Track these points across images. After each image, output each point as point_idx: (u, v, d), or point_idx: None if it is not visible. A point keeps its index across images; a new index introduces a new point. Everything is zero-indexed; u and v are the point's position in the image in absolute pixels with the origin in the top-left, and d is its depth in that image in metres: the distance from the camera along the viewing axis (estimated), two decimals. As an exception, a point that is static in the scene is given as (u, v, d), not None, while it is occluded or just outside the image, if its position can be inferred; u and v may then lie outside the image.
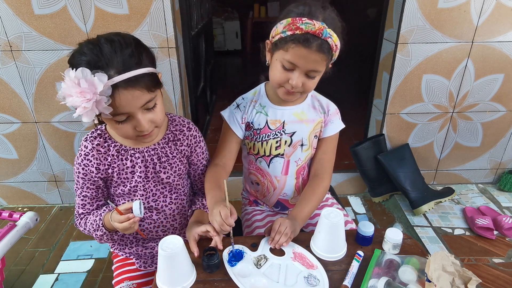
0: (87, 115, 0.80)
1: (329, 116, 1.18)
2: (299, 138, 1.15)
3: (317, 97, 1.20)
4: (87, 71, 0.78)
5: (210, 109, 3.45)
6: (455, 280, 0.78)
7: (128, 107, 0.85)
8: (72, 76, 0.78)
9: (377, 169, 2.21)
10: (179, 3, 1.93)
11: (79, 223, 1.07)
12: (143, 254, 1.16)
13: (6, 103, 1.99)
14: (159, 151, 1.05)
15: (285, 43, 0.97)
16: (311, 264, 0.95)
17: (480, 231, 1.94)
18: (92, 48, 0.82)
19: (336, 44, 0.97)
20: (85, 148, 1.00)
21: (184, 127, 1.09)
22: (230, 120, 1.17)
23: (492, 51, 1.98)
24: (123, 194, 1.07)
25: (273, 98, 1.16)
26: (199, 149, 1.13)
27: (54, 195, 2.31)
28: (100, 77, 0.78)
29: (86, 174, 1.01)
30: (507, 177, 2.30)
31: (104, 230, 1.00)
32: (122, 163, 1.02)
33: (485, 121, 2.20)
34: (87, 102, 0.78)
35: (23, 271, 1.83)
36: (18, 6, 1.75)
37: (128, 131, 0.91)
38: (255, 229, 1.25)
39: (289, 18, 0.96)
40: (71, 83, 0.78)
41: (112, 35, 0.85)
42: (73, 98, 0.79)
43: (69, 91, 0.79)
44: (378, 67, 2.22)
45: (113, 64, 0.81)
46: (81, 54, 0.82)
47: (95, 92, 0.78)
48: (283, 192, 1.23)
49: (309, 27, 0.93)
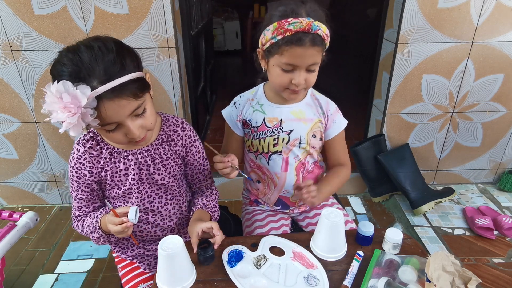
0: (73, 129, 0.77)
1: (330, 117, 1.18)
2: (297, 136, 1.16)
3: (316, 95, 1.20)
4: (68, 84, 0.74)
5: (210, 109, 3.45)
6: (455, 280, 0.78)
7: (116, 117, 0.82)
8: (54, 91, 0.74)
9: (377, 169, 2.21)
10: (179, 3, 1.93)
11: (76, 225, 1.07)
12: (145, 256, 1.16)
13: (6, 103, 1.99)
14: (153, 153, 1.03)
15: (278, 47, 0.98)
16: (311, 264, 0.95)
17: (480, 231, 1.94)
18: (72, 57, 0.78)
19: (326, 33, 0.99)
20: (77, 151, 0.99)
21: (178, 127, 1.07)
22: (228, 119, 1.20)
23: (492, 51, 1.98)
24: (118, 196, 1.06)
25: (271, 97, 1.17)
26: (195, 149, 1.11)
27: (54, 195, 2.31)
28: (83, 90, 0.74)
29: (79, 177, 1.00)
30: (507, 177, 2.30)
31: (101, 232, 0.99)
32: (115, 166, 1.00)
33: (485, 121, 2.20)
34: (72, 116, 0.75)
35: (23, 271, 1.83)
36: (18, 6, 1.75)
37: (119, 138, 0.89)
38: (255, 228, 1.25)
39: (275, 23, 0.97)
40: (53, 98, 0.74)
41: (92, 41, 0.81)
42: (57, 114, 0.75)
43: (52, 107, 0.75)
44: (378, 67, 2.21)
45: (95, 74, 0.77)
46: (61, 65, 0.78)
47: (79, 105, 0.74)
48: (284, 189, 1.23)
49: (297, 25, 0.94)
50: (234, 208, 2.22)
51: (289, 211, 1.30)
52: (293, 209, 1.29)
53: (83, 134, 1.00)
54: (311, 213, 1.31)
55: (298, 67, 1.00)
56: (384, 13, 2.07)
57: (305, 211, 1.33)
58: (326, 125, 1.19)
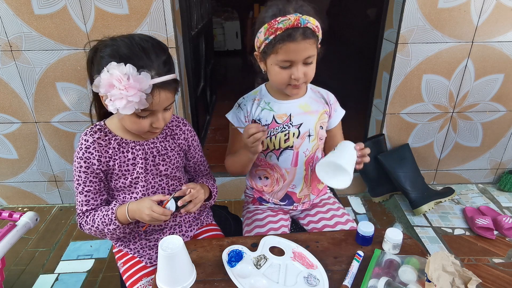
0: (128, 108, 0.86)
1: (332, 106, 1.24)
2: (306, 129, 1.18)
3: (316, 88, 1.25)
4: (134, 69, 0.85)
5: (210, 109, 3.45)
6: (455, 280, 0.78)
7: (158, 106, 0.94)
8: (123, 71, 0.84)
9: (377, 169, 2.21)
10: (179, 3, 1.93)
11: (84, 222, 1.05)
12: (147, 249, 1.16)
13: (6, 103, 1.99)
14: (158, 145, 1.10)
15: (272, 47, 1.02)
16: (311, 264, 0.95)
17: (480, 231, 1.94)
18: (137, 48, 0.89)
19: (316, 25, 1.02)
20: (85, 141, 1.01)
21: (180, 123, 1.17)
22: (235, 121, 1.21)
23: (492, 51, 1.98)
24: (123, 187, 1.08)
25: (276, 95, 1.19)
26: (195, 142, 1.21)
27: (54, 195, 2.31)
28: (146, 76, 0.86)
29: (88, 167, 1.02)
30: (507, 177, 2.30)
31: (118, 223, 1.00)
32: (123, 155, 1.04)
33: (485, 121, 2.20)
34: (132, 96, 0.85)
35: (23, 271, 1.83)
36: (18, 6, 1.75)
37: (145, 126, 0.97)
38: (254, 228, 1.25)
39: (265, 25, 1.01)
40: (118, 77, 0.84)
41: (149, 39, 0.94)
42: (115, 90, 0.85)
43: (113, 83, 0.85)
44: (378, 67, 2.22)
45: (154, 67, 0.89)
46: (128, 48, 0.89)
47: (140, 88, 0.85)
48: (292, 184, 1.25)
49: (286, 22, 0.98)
50: (234, 208, 2.22)
51: (293, 207, 1.30)
52: (297, 206, 1.30)
53: (90, 127, 1.05)
54: (313, 211, 1.32)
55: (295, 62, 1.04)
56: (384, 13, 2.07)
57: (306, 209, 1.33)
58: (330, 115, 1.24)
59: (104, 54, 0.90)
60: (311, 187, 1.27)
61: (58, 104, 1.99)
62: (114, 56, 0.88)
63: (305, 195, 1.28)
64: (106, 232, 1.03)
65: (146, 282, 1.08)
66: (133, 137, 1.06)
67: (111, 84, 0.85)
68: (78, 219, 1.07)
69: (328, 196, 1.38)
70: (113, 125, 1.06)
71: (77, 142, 2.10)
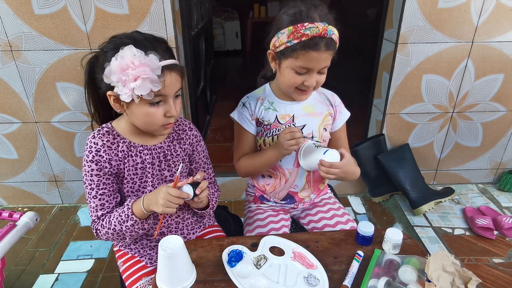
0: (143, 86, 0.86)
1: (337, 107, 1.23)
2: (310, 130, 1.18)
3: (321, 90, 1.24)
4: (142, 52, 0.87)
5: (210, 109, 3.45)
6: (455, 280, 0.78)
7: (169, 88, 0.93)
8: (135, 51, 0.86)
9: (377, 169, 2.21)
10: (179, 3, 1.93)
11: (100, 226, 1.02)
12: (148, 249, 1.16)
13: (6, 103, 1.99)
14: (165, 149, 1.09)
15: (293, 51, 1.01)
16: (311, 264, 0.95)
17: (480, 231, 1.94)
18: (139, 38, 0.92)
19: (337, 37, 1.03)
20: (95, 144, 1.00)
21: (186, 127, 1.15)
22: (241, 120, 1.21)
23: (492, 51, 1.98)
24: (132, 191, 1.06)
25: (280, 95, 1.20)
26: (200, 148, 1.18)
27: (54, 195, 2.31)
28: (154, 57, 0.87)
29: (100, 169, 1.00)
30: (507, 177, 2.30)
31: (135, 218, 0.98)
32: (132, 159, 1.03)
33: (485, 121, 2.20)
34: (147, 74, 0.86)
35: (23, 271, 1.83)
36: (18, 6, 1.75)
37: (159, 117, 0.96)
38: (256, 228, 1.25)
39: (290, 27, 0.99)
40: (130, 57, 0.86)
41: (148, 33, 0.96)
42: (129, 71, 0.86)
43: (125, 66, 0.86)
44: (378, 67, 2.22)
45: (159, 51, 0.91)
46: (130, 39, 0.91)
47: (153, 68, 0.87)
48: (294, 184, 1.25)
49: (314, 30, 0.97)
50: (234, 208, 2.22)
51: (294, 205, 1.30)
52: (298, 204, 1.30)
53: (97, 129, 1.04)
54: (313, 211, 1.32)
55: (312, 70, 1.04)
56: (384, 13, 2.07)
57: (307, 208, 1.34)
58: (334, 117, 1.23)
59: (108, 49, 0.91)
60: (313, 187, 1.27)
61: (58, 104, 1.99)
62: (118, 48, 0.88)
63: (306, 195, 1.28)
64: (124, 231, 1.00)
65: (145, 282, 1.08)
66: (141, 140, 1.05)
67: (123, 68, 0.86)
68: (94, 225, 1.04)
69: (328, 196, 1.38)
70: (120, 128, 1.04)
71: (77, 142, 2.11)
